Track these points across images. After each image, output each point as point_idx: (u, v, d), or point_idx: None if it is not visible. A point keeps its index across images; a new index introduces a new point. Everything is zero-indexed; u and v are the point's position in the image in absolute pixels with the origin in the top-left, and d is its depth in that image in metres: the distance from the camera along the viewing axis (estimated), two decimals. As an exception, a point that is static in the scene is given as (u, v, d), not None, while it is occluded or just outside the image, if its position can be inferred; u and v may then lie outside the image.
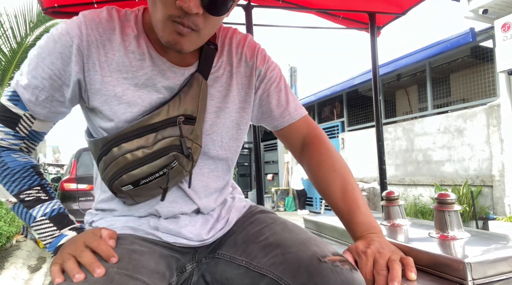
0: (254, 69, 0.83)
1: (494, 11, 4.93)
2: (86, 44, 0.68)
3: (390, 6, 1.79)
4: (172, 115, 0.71)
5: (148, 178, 0.70)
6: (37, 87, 0.69)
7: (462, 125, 5.49)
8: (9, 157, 0.72)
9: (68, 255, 0.64)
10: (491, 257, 0.68)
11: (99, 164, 0.73)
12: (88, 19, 0.70)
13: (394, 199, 1.03)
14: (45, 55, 0.68)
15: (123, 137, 0.69)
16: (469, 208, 4.87)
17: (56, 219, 0.71)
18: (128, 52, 0.71)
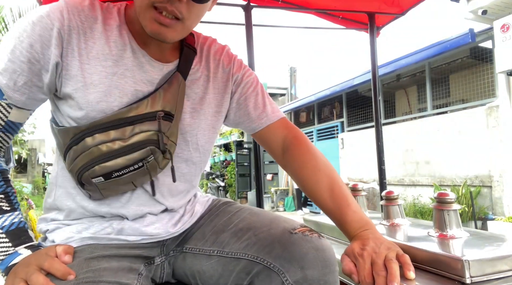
0: (230, 74, 0.86)
1: (493, 12, 4.94)
2: (67, 29, 0.67)
3: (389, 7, 1.79)
4: (152, 110, 0.71)
5: (122, 171, 0.69)
6: (15, 71, 0.65)
7: (461, 126, 5.50)
8: None
9: (19, 280, 0.61)
10: (489, 256, 0.68)
11: (66, 154, 0.70)
12: (70, 5, 0.68)
13: (393, 198, 1.03)
14: (23, 38, 0.65)
15: (98, 127, 0.68)
16: (468, 209, 4.88)
17: (13, 235, 0.66)
18: (110, 41, 0.71)
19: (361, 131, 7.62)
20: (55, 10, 0.67)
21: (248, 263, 0.73)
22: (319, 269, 0.68)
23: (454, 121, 5.61)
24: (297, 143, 0.84)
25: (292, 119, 10.31)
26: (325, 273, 0.68)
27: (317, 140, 9.23)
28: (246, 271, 0.73)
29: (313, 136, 9.36)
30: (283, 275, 0.68)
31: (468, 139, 5.40)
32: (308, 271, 0.67)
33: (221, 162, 12.69)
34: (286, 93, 10.80)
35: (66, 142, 0.70)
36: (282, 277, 0.68)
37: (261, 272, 0.71)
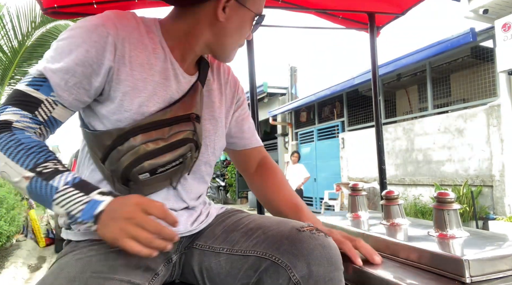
0: (236, 94, 1.00)
1: (494, 11, 4.93)
2: (120, 38, 0.74)
3: (389, 6, 1.79)
4: (185, 112, 0.80)
5: (166, 166, 0.77)
6: (68, 72, 0.70)
7: (462, 125, 5.49)
8: (23, 135, 0.68)
9: (133, 227, 0.61)
10: (489, 255, 0.68)
11: (108, 155, 0.74)
12: (118, 18, 0.76)
13: (393, 198, 1.03)
14: (79, 43, 0.71)
15: (141, 128, 0.74)
16: (469, 208, 4.88)
17: (81, 186, 0.66)
18: (153, 53, 0.79)
19: (361, 131, 7.61)
20: (108, 21, 0.74)
21: (257, 260, 0.76)
22: (325, 266, 0.70)
23: (455, 120, 5.60)
24: (269, 166, 1.05)
25: (293, 118, 10.30)
26: (331, 270, 0.70)
27: (317, 140, 9.22)
28: (254, 268, 0.76)
29: (313, 136, 9.35)
30: (290, 270, 0.71)
31: (469, 138, 5.39)
32: (314, 267, 0.70)
33: (222, 162, 12.69)
34: (287, 93, 10.80)
35: (108, 143, 0.74)
36: (289, 273, 0.71)
37: (269, 268, 0.74)
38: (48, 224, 6.39)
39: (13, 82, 7.42)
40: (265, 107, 10.99)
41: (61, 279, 0.64)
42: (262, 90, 10.35)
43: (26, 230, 6.26)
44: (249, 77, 1.79)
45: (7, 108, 0.69)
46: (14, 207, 4.83)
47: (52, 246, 5.65)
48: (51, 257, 5.13)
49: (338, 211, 6.50)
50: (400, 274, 0.72)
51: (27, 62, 7.19)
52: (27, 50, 6.82)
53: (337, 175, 8.36)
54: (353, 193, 1.20)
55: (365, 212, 1.19)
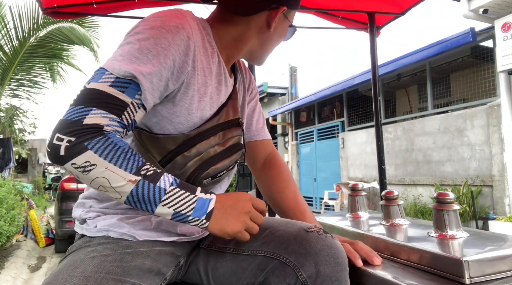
0: (250, 85, 1.02)
1: (494, 11, 4.92)
2: (193, 42, 0.74)
3: (389, 6, 1.79)
4: (233, 117, 0.85)
5: (224, 171, 0.83)
6: (156, 75, 0.68)
7: (462, 125, 5.49)
8: (116, 138, 0.64)
9: (249, 221, 0.70)
10: (489, 256, 0.68)
11: (174, 160, 0.75)
12: (193, 23, 0.75)
13: (393, 198, 1.03)
14: (165, 45, 0.69)
15: (203, 134, 0.78)
16: (469, 208, 4.87)
17: (185, 186, 0.67)
18: (211, 57, 0.80)
19: (361, 131, 7.61)
20: (186, 23, 0.73)
21: (264, 259, 0.76)
22: (332, 266, 0.71)
23: (455, 120, 5.60)
24: (276, 163, 1.05)
25: (293, 118, 10.30)
26: (338, 271, 0.72)
27: (317, 140, 9.22)
28: (261, 267, 0.76)
29: (313, 136, 9.35)
30: (298, 270, 0.72)
31: (469, 138, 5.39)
32: (322, 267, 0.71)
33: (222, 161, 12.68)
34: (287, 93, 10.79)
35: (172, 148, 0.75)
36: (297, 272, 0.72)
37: (276, 268, 0.74)
38: (48, 224, 6.39)
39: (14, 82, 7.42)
40: (265, 107, 10.99)
41: (76, 278, 0.64)
42: (262, 90, 10.35)
43: (26, 230, 6.26)
44: (249, 77, 1.79)
45: (93, 110, 0.62)
46: (14, 207, 4.83)
47: (52, 246, 5.65)
48: (51, 257, 5.13)
49: (338, 211, 6.50)
50: (400, 275, 0.72)
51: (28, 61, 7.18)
52: (27, 50, 6.82)
53: (337, 175, 8.35)
54: (352, 193, 1.20)
55: (365, 212, 1.19)
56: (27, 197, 6.94)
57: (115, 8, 1.71)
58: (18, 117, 9.02)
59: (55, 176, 10.16)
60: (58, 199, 5.18)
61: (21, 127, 10.29)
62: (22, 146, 11.39)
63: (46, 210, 8.71)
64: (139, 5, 1.71)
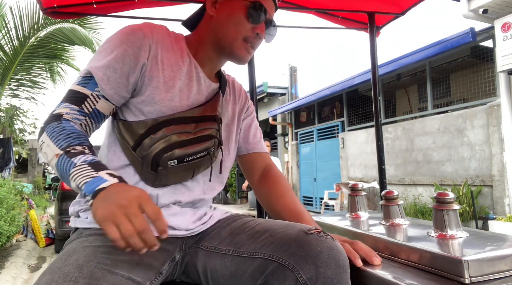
0: (245, 104, 1.11)
1: (494, 10, 4.92)
2: (154, 41, 0.85)
3: (389, 6, 1.79)
4: (211, 113, 0.91)
5: (193, 156, 0.85)
6: (109, 68, 0.81)
7: (462, 125, 5.49)
8: (68, 124, 0.76)
9: (121, 215, 0.60)
10: (488, 255, 0.68)
11: (141, 142, 0.82)
12: (153, 27, 0.87)
13: (393, 198, 1.03)
14: (118, 43, 0.82)
15: (173, 121, 0.84)
16: (469, 208, 4.87)
17: (96, 165, 0.70)
18: (181, 57, 0.90)
19: (361, 131, 7.61)
20: (145, 27, 0.86)
21: (263, 262, 0.76)
22: (333, 268, 0.71)
23: (455, 120, 5.60)
24: (273, 174, 1.08)
25: (293, 118, 10.30)
26: (339, 273, 0.71)
27: (317, 140, 9.22)
28: (261, 270, 0.76)
29: (313, 136, 9.35)
30: (298, 272, 0.72)
31: (469, 138, 5.39)
32: (322, 269, 0.70)
33: (222, 161, 12.66)
34: (287, 93, 10.79)
35: (141, 132, 0.83)
36: (297, 274, 0.72)
37: (276, 270, 0.74)
38: (48, 224, 6.39)
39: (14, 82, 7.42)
40: (265, 107, 10.99)
41: (70, 266, 0.68)
42: (262, 90, 10.34)
43: (26, 230, 6.26)
44: (249, 77, 1.80)
45: (61, 104, 0.80)
46: (14, 207, 4.83)
47: (52, 246, 5.65)
48: (51, 257, 5.13)
49: (338, 211, 6.50)
50: (400, 275, 0.72)
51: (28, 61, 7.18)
52: (28, 51, 6.81)
53: (337, 175, 8.36)
54: (352, 193, 1.20)
55: (365, 212, 1.19)
56: (27, 197, 6.93)
57: (115, 8, 1.71)
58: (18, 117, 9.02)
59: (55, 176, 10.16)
60: (58, 199, 5.18)
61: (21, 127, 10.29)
62: (22, 146, 11.38)
63: (46, 210, 8.70)
64: (139, 5, 1.71)
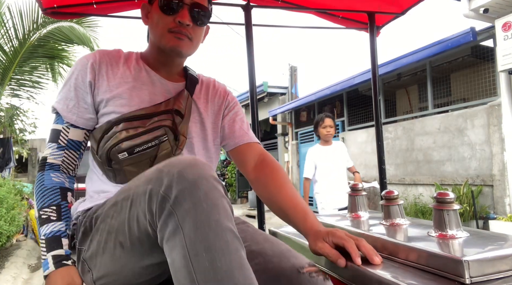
0: (225, 101, 1.13)
1: (494, 10, 4.92)
2: (98, 63, 0.96)
3: (389, 6, 1.79)
4: (166, 108, 0.95)
5: (142, 146, 0.89)
6: (67, 98, 0.94)
7: (462, 125, 5.49)
8: (48, 176, 0.91)
9: None
10: (489, 256, 0.68)
11: (99, 144, 0.91)
12: (101, 51, 0.99)
13: (393, 198, 1.03)
14: (70, 75, 0.96)
15: (124, 119, 0.90)
16: (469, 208, 4.87)
17: (49, 242, 0.85)
18: (129, 68, 0.99)
19: (361, 130, 7.61)
20: (91, 53, 0.98)
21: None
22: None
23: (455, 120, 5.59)
24: (268, 163, 1.05)
25: (293, 118, 10.30)
26: None
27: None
28: None
29: (313, 136, 9.35)
30: None
31: (470, 138, 5.38)
32: None
33: (222, 161, 12.68)
34: (287, 92, 10.79)
35: (99, 135, 0.91)
36: None
37: None
38: (49, 224, 6.38)
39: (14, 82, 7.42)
40: (265, 106, 10.98)
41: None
42: (262, 89, 10.34)
43: (26, 230, 6.26)
44: (249, 77, 1.79)
45: (47, 145, 0.95)
46: (14, 207, 4.83)
47: (53, 246, 5.64)
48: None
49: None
50: (400, 275, 0.72)
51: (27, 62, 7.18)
52: (27, 50, 6.81)
53: (337, 174, 8.34)
54: (352, 193, 1.20)
55: (365, 212, 1.19)
56: (27, 197, 6.94)
57: (115, 8, 1.71)
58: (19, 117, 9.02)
59: (56, 176, 10.13)
60: (59, 199, 5.17)
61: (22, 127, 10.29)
62: (22, 146, 11.38)
63: (47, 210, 8.68)
64: (138, 5, 1.71)
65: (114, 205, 0.79)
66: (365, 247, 0.80)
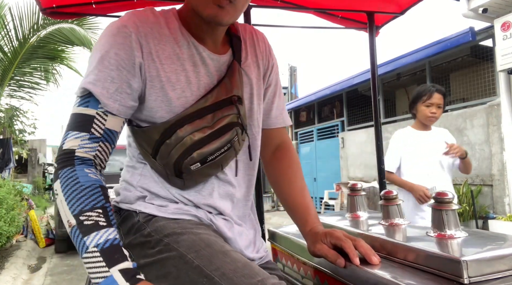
0: (269, 63, 0.95)
1: (493, 10, 4.92)
2: (143, 35, 0.75)
3: (388, 6, 1.79)
4: (226, 96, 0.80)
5: (215, 154, 0.77)
6: (106, 79, 0.72)
7: (462, 124, 5.49)
8: (81, 172, 0.69)
9: None
10: (487, 255, 0.68)
11: (158, 150, 0.76)
12: (137, 16, 0.77)
13: (392, 198, 1.03)
14: (107, 48, 0.73)
15: (185, 119, 0.75)
16: (469, 208, 4.87)
17: (108, 252, 0.63)
18: (177, 40, 0.79)
19: (361, 130, 7.61)
20: (128, 21, 0.76)
21: None
22: None
23: (455, 119, 5.60)
24: (287, 154, 1.00)
25: (292, 118, 10.30)
26: None
27: (317, 140, 9.22)
28: None
29: (313, 136, 9.35)
30: None
31: (469, 137, 5.39)
32: None
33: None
34: (286, 92, 10.79)
35: (156, 138, 0.76)
36: None
37: None
38: (48, 224, 6.39)
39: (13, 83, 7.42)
40: (265, 106, 10.98)
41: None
42: (261, 89, 10.34)
43: (26, 230, 6.25)
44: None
45: (69, 134, 0.72)
46: (14, 207, 4.83)
47: (52, 247, 5.65)
48: (51, 258, 5.13)
49: (338, 211, 6.50)
50: (398, 275, 0.72)
51: (27, 63, 7.18)
52: (27, 51, 6.81)
53: (337, 174, 8.35)
54: (351, 193, 1.20)
55: (364, 212, 1.19)
56: (27, 198, 6.93)
57: (114, 8, 1.71)
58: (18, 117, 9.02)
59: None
60: (58, 200, 5.17)
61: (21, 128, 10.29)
62: (22, 147, 11.38)
63: (46, 211, 8.70)
64: (138, 5, 1.71)
65: (197, 268, 0.67)
66: (363, 247, 0.80)
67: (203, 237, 0.73)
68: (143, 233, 0.77)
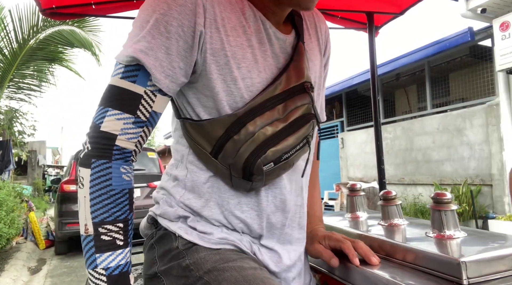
0: (327, 41, 0.84)
1: (492, 10, 4.93)
2: (210, 1, 0.62)
3: (388, 6, 1.79)
4: (297, 82, 0.67)
5: (290, 152, 0.66)
6: (160, 48, 0.59)
7: (461, 124, 5.50)
8: (117, 171, 0.59)
9: None
10: (487, 256, 0.68)
11: (224, 147, 0.63)
12: None
13: (391, 198, 1.03)
14: (164, 10, 0.59)
15: (255, 110, 0.63)
16: (468, 207, 4.88)
17: (113, 282, 0.58)
18: (243, 13, 0.66)
19: (361, 131, 7.62)
20: None
21: None
22: None
23: (454, 119, 5.60)
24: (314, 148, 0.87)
25: (292, 119, 10.31)
26: None
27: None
28: None
29: (313, 136, 9.36)
30: None
31: (468, 137, 5.39)
32: None
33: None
34: (286, 93, 10.79)
35: (220, 134, 0.63)
36: None
37: None
38: (48, 226, 6.38)
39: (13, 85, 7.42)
40: (264, 107, 10.99)
41: None
42: (261, 90, 10.35)
43: (26, 232, 6.25)
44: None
45: (109, 112, 0.59)
46: (14, 209, 4.83)
47: (52, 248, 5.64)
48: (51, 259, 5.12)
49: (337, 211, 6.50)
50: (397, 275, 0.72)
51: (26, 64, 7.18)
52: (27, 53, 6.81)
53: (337, 175, 8.36)
54: (351, 194, 1.20)
55: (364, 213, 1.19)
56: (26, 199, 6.93)
57: (114, 9, 1.71)
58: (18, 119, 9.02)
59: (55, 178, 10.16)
60: (58, 201, 5.18)
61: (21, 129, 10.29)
62: (21, 148, 11.38)
63: (46, 212, 8.70)
64: (138, 6, 1.71)
65: None
66: (362, 249, 0.80)
67: (246, 273, 0.63)
68: (181, 265, 0.66)
